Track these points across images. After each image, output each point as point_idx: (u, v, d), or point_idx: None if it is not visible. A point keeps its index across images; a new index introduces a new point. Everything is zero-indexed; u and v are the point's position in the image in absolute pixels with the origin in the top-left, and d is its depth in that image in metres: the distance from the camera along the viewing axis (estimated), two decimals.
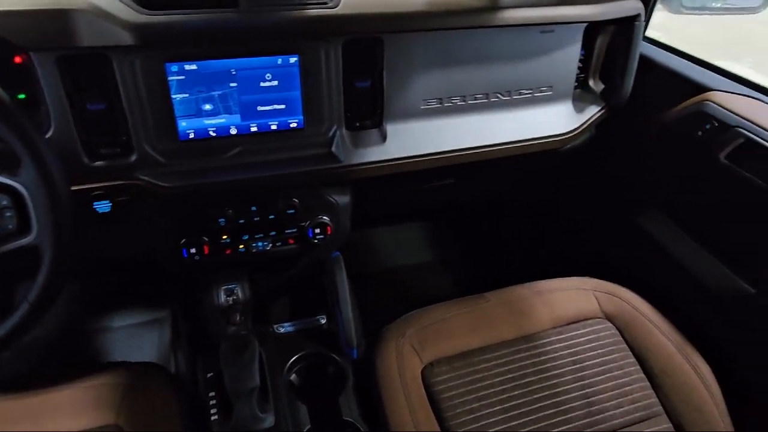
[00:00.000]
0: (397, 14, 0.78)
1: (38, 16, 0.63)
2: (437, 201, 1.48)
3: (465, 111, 0.92)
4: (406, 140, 0.88)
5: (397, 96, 0.86)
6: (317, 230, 0.91)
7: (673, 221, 1.04)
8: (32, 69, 0.67)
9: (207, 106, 0.77)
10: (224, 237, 0.88)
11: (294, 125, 0.82)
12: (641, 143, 1.09)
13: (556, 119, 0.98)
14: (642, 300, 1.00)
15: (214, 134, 0.79)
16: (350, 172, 0.86)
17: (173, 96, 0.74)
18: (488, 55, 0.89)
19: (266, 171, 0.81)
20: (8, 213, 0.57)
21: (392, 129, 0.88)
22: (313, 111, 0.82)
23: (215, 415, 0.89)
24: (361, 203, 0.98)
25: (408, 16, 0.79)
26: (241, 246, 0.89)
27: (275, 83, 0.78)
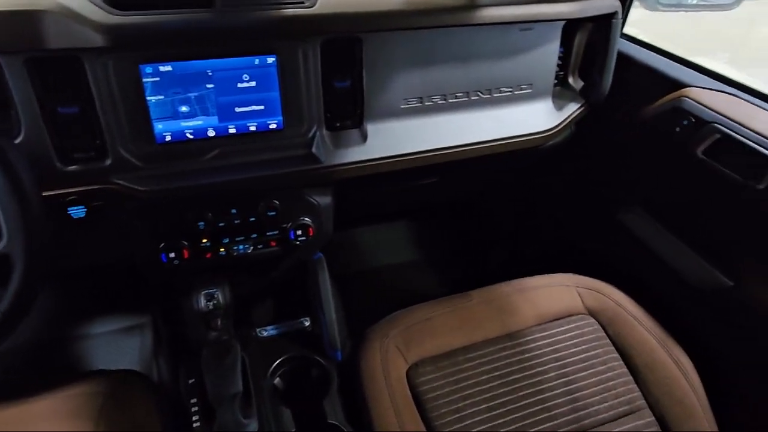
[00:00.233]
0: (375, 13, 0.78)
1: (4, 18, 0.61)
2: (420, 200, 1.48)
3: (446, 110, 0.91)
4: (387, 140, 0.88)
5: (377, 96, 0.86)
6: (299, 232, 0.90)
7: (653, 217, 1.05)
8: (0, 72, 0.65)
9: (183, 108, 0.76)
10: (204, 240, 0.86)
11: (273, 126, 0.81)
12: (620, 140, 1.10)
13: (537, 117, 0.98)
14: (624, 295, 1.01)
15: (192, 136, 0.78)
16: (331, 173, 0.85)
17: (148, 98, 0.73)
18: (468, 54, 0.88)
19: (246, 173, 0.80)
20: None
21: (373, 129, 0.87)
22: (293, 112, 0.81)
23: (197, 422, 0.88)
24: (344, 203, 0.97)
25: (386, 15, 0.78)
26: (222, 249, 0.88)
27: (253, 84, 0.77)
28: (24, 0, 0.62)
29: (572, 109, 1.01)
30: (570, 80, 1.03)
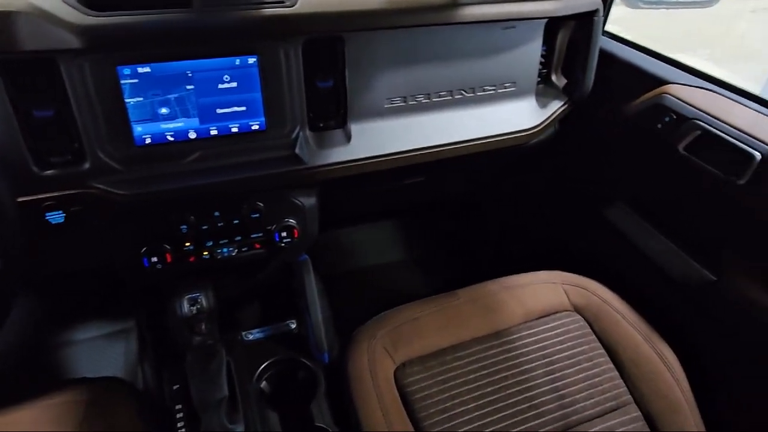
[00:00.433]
0: (357, 12, 0.77)
1: None
2: (406, 200, 1.48)
3: (430, 109, 0.91)
4: (371, 140, 0.87)
5: (361, 95, 0.85)
6: (284, 234, 0.90)
7: (637, 213, 1.06)
8: None
9: (163, 110, 0.74)
10: (187, 244, 0.85)
11: (256, 127, 0.80)
12: (604, 137, 1.11)
13: (521, 115, 0.98)
14: (609, 291, 1.02)
15: (172, 139, 0.77)
16: (315, 174, 0.84)
17: (127, 100, 0.71)
18: (451, 52, 0.88)
19: (228, 175, 0.79)
20: None
21: (357, 129, 0.87)
22: (275, 112, 0.80)
23: (182, 428, 0.87)
24: (329, 204, 0.96)
25: (368, 15, 0.78)
26: (206, 253, 0.87)
27: (234, 85, 0.76)
28: None
29: (555, 107, 1.01)
30: (553, 78, 1.04)
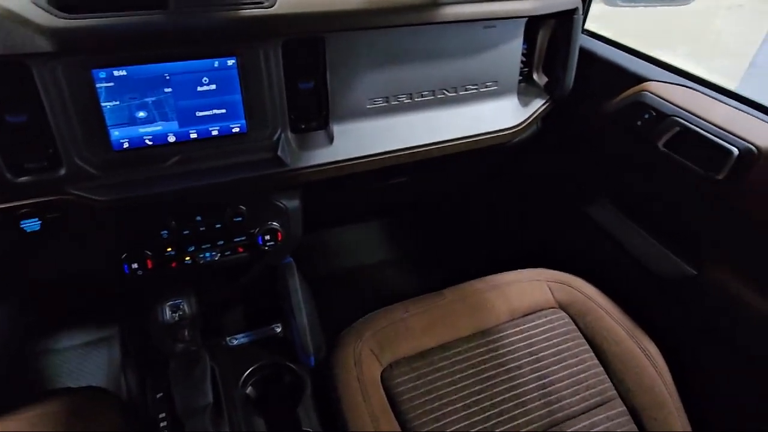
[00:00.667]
0: (337, 13, 0.76)
1: None
2: (391, 200, 1.48)
3: (412, 109, 0.91)
4: (354, 141, 0.86)
5: (343, 96, 0.84)
6: (267, 237, 0.89)
7: (619, 209, 1.07)
8: None
9: (141, 114, 0.73)
10: (168, 249, 0.84)
11: (236, 130, 0.79)
12: (585, 134, 1.12)
13: (503, 113, 0.99)
14: (593, 287, 1.03)
15: (151, 143, 0.75)
16: (298, 176, 0.83)
17: (103, 104, 0.70)
18: (433, 52, 0.88)
19: (209, 179, 0.78)
20: None
21: (339, 130, 0.86)
22: (256, 114, 0.79)
23: None
24: (314, 205, 0.96)
25: (348, 15, 0.77)
26: (188, 258, 0.85)
27: (213, 87, 0.75)
28: None
29: (537, 105, 1.02)
30: (534, 76, 1.04)
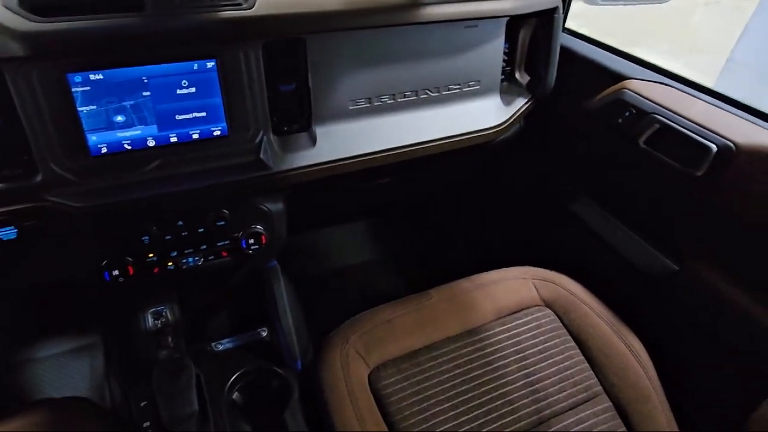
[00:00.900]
0: (317, 14, 0.76)
1: None
2: (375, 201, 1.47)
3: (395, 109, 0.91)
4: (337, 142, 0.86)
5: (325, 97, 0.84)
6: (251, 240, 0.88)
7: (602, 206, 1.08)
8: None
9: (119, 118, 0.72)
10: (150, 255, 0.82)
11: (217, 133, 0.78)
12: (568, 132, 1.13)
13: (486, 113, 0.99)
14: (577, 284, 1.03)
15: (130, 147, 0.74)
16: (281, 179, 0.83)
17: (79, 109, 0.68)
18: (414, 52, 0.88)
19: (191, 183, 0.77)
20: None
21: (322, 131, 0.85)
22: (237, 117, 0.78)
23: None
24: (298, 207, 0.95)
25: (328, 16, 0.77)
26: (170, 263, 0.84)
27: (193, 90, 0.74)
28: None
29: (520, 104, 1.02)
30: (516, 75, 1.04)
